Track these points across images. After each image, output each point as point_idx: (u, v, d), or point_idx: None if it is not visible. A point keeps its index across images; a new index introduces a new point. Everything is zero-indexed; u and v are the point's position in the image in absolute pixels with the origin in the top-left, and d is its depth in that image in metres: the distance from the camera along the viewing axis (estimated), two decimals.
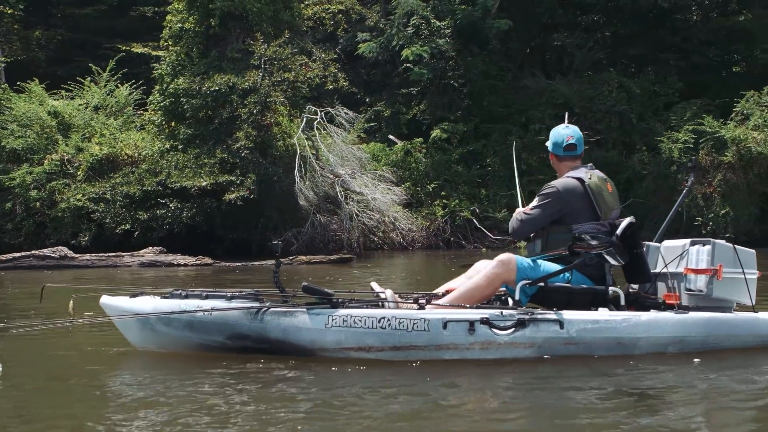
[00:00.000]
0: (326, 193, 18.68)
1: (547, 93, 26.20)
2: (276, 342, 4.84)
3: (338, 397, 4.03)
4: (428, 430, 3.41)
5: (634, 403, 3.84)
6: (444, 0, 26.26)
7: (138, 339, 5.10)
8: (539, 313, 4.90)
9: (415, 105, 27.00)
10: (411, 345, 4.77)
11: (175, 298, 4.99)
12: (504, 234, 24.16)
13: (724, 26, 28.23)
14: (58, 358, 5.06)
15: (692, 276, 5.34)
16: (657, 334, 5.04)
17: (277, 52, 18.35)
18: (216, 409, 3.63)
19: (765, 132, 22.61)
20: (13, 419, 3.34)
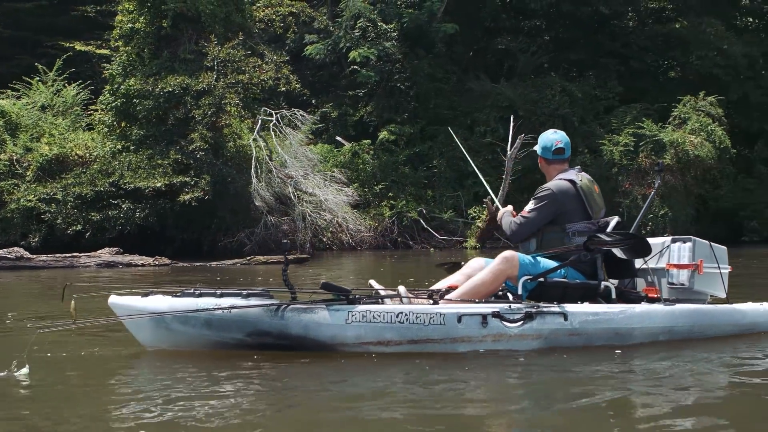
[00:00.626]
0: (280, 194, 18.77)
1: (492, 96, 26.70)
2: (296, 338, 4.90)
3: (355, 387, 4.22)
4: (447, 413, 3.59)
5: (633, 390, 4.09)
6: (391, 3, 26.54)
7: (150, 338, 5.03)
8: (545, 306, 5.14)
9: (362, 107, 27.20)
10: (428, 338, 4.95)
11: (187, 297, 4.96)
12: (450, 234, 24.60)
13: (661, 33, 29.13)
14: (78, 358, 5.01)
15: (675, 271, 5.68)
16: (649, 325, 5.36)
17: (230, 54, 18.40)
18: (242, 404, 3.75)
19: (701, 136, 23.46)
20: (42, 419, 3.40)
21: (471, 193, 25.49)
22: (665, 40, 29.00)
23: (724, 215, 25.95)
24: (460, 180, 25.96)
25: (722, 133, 23.80)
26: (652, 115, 25.27)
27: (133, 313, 4.89)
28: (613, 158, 24.19)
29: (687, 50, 28.13)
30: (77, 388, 4.17)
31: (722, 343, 5.48)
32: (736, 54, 27.31)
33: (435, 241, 24.08)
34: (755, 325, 5.81)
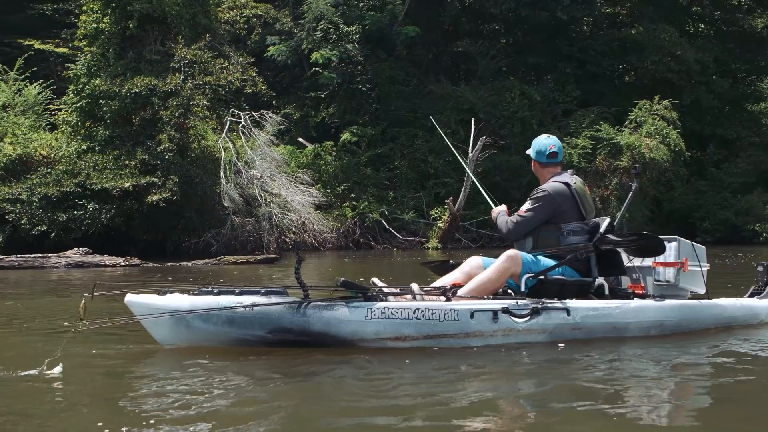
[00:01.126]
0: (247, 195, 18.83)
1: (453, 98, 27.03)
2: (317, 334, 5.00)
3: (372, 380, 4.35)
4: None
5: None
6: (352, 6, 26.72)
7: (168, 336, 5.03)
8: (549, 302, 5.36)
9: (324, 108, 27.33)
10: (443, 334, 5.13)
11: (207, 295, 5.00)
12: (411, 235, 24.84)
13: (617, 38, 29.76)
14: (104, 357, 5.03)
15: (661, 269, 6.03)
16: (643, 319, 5.65)
17: (197, 55, 18.41)
18: (268, 399, 3.86)
19: (657, 139, 24.05)
20: (76, 419, 3.46)
21: (432, 194, 25.80)
22: (621, 45, 29.64)
23: (678, 216, 26.61)
24: (421, 181, 26.24)
25: (677, 136, 24.43)
26: (609, 118, 25.80)
27: (153, 311, 4.91)
28: (572, 161, 24.64)
29: (642, 55, 28.74)
30: (109, 385, 4.23)
31: (706, 336, 5.77)
32: (689, 59, 28.03)
33: (397, 241, 24.30)
34: (733, 319, 6.16)
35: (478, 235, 25.13)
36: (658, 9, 30.60)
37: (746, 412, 3.68)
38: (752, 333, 5.98)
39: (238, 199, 18.33)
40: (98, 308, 5.96)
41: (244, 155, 19.19)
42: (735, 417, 3.56)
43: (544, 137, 6.12)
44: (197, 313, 4.88)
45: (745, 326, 6.15)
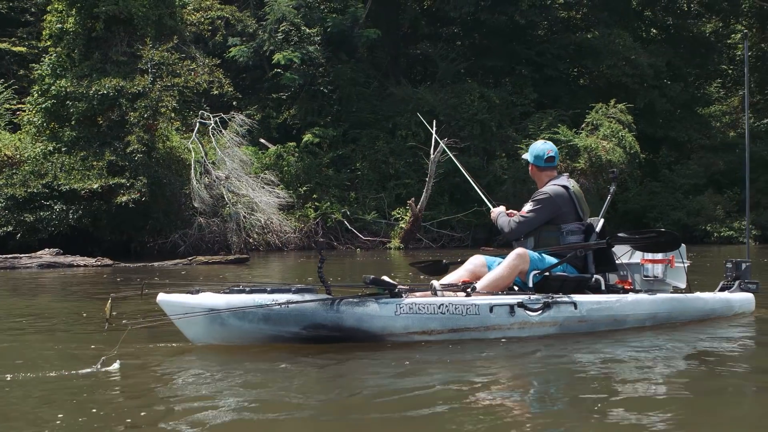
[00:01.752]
0: (214, 195, 18.92)
1: (413, 101, 27.33)
2: (350, 330, 5.14)
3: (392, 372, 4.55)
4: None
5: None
6: (314, 8, 26.89)
7: (202, 334, 5.08)
8: (557, 297, 5.68)
9: (286, 110, 27.44)
10: (465, 327, 5.38)
11: (239, 294, 5.07)
12: (373, 235, 25.12)
13: (573, 42, 30.34)
14: (157, 353, 5.05)
15: (650, 265, 6.39)
16: (639, 311, 6.06)
17: (165, 57, 18.44)
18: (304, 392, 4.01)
19: (613, 141, 24.62)
20: (137, 416, 3.54)
21: (393, 195, 26.11)
22: (577, 50, 30.22)
23: (633, 216, 27.21)
24: (383, 182, 26.53)
25: (632, 139, 25.05)
26: (566, 121, 26.34)
27: (189, 310, 4.95)
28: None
29: (597, 59, 29.38)
30: (163, 382, 4.31)
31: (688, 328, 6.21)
32: (642, 64, 28.75)
33: (359, 241, 24.56)
34: (714, 310, 6.64)
35: (439, 236, 25.53)
36: (613, 14, 31.34)
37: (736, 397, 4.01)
38: (729, 323, 6.49)
39: (208, 200, 18.41)
40: (132, 308, 5.99)
41: (213, 156, 19.27)
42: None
43: (541, 143, 6.44)
44: (234, 311, 4.96)
45: (722, 317, 6.63)
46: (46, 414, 3.48)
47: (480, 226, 26.34)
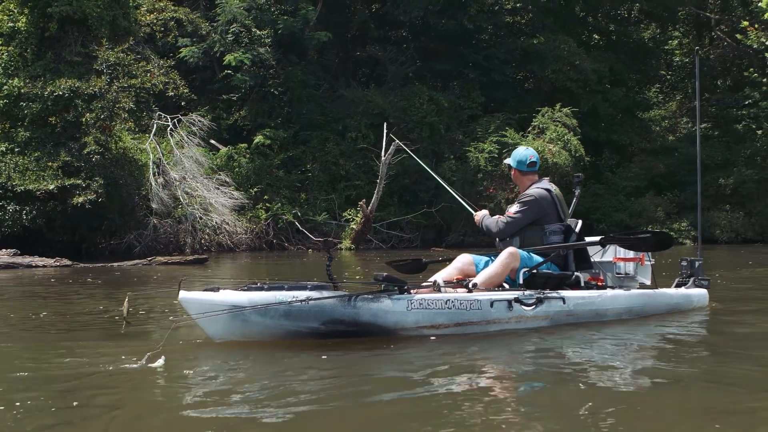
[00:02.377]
0: (171, 196, 18.95)
1: (364, 103, 27.63)
2: (366, 324, 5.41)
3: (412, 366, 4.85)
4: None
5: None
6: (265, 10, 26.98)
7: (223, 331, 5.21)
8: (547, 292, 6.11)
9: (236, 111, 27.45)
10: (469, 321, 5.74)
11: (258, 291, 5.25)
12: (324, 236, 25.26)
13: (520, 47, 30.95)
14: (201, 348, 5.24)
15: (622, 263, 6.97)
16: (617, 306, 6.55)
17: (120, 58, 18.39)
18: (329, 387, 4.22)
19: (559, 145, 25.23)
20: (183, 410, 3.68)
21: (343, 196, 26.35)
22: (524, 55, 30.84)
23: (577, 217, 27.83)
24: (333, 183, 26.76)
25: (577, 142, 25.69)
26: (513, 124, 26.87)
27: (212, 308, 5.07)
28: (479, 165, 25.62)
29: (543, 64, 29.99)
30: (210, 376, 4.48)
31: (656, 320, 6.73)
32: (586, 69, 29.48)
33: (310, 242, 24.73)
34: (678, 305, 7.19)
35: (389, 236, 25.85)
36: (558, 20, 32.05)
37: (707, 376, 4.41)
38: (688, 315, 7.08)
39: (167, 201, 18.44)
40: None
41: (168, 157, 19.30)
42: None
43: (523, 149, 6.87)
44: (257, 308, 5.12)
45: (684, 311, 7.21)
46: (102, 410, 3.66)
47: (429, 227, 26.79)
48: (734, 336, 6.04)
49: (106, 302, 8.30)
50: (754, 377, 4.43)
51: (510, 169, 6.88)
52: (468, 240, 26.07)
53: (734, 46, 33.19)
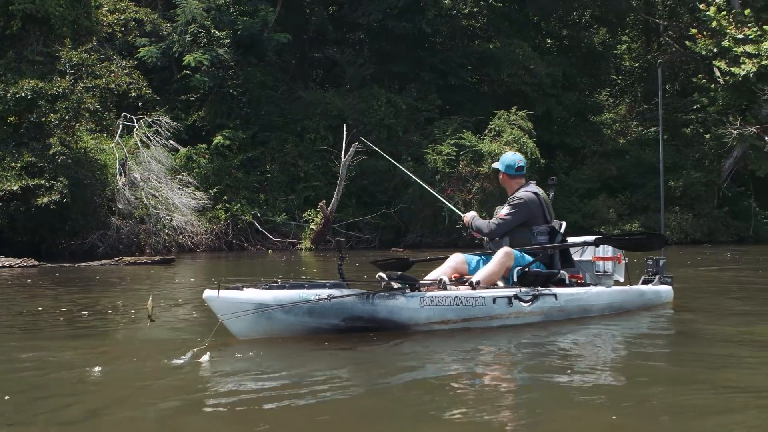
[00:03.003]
0: (135, 197, 18.95)
1: (322, 104, 27.82)
2: (382, 320, 5.72)
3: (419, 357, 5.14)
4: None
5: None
6: (224, 11, 27.00)
7: (247, 329, 5.38)
8: (541, 289, 6.49)
9: (195, 112, 27.39)
10: (475, 317, 6.09)
11: (280, 290, 5.48)
12: (283, 236, 25.45)
13: (476, 51, 31.43)
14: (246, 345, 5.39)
15: (601, 262, 7.43)
16: (600, 302, 6.99)
17: (84, 58, 18.32)
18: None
19: (515, 147, 25.69)
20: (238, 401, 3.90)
21: (302, 197, 26.53)
22: (480, 58, 31.31)
23: None
24: (292, 184, 26.91)
25: (533, 145, 26.20)
26: (470, 127, 27.30)
27: (239, 306, 5.29)
28: (437, 166, 26.00)
29: (499, 68, 30.49)
30: (255, 370, 4.65)
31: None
32: (540, 73, 30.08)
33: (269, 243, 24.86)
34: (650, 300, 7.70)
35: (347, 237, 26.09)
36: (513, 25, 32.62)
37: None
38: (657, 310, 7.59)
39: (132, 201, 18.45)
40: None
41: (133, 158, 19.29)
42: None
43: (511, 154, 7.25)
44: (283, 306, 5.35)
45: (656, 306, 7.72)
46: (158, 405, 3.83)
47: (387, 227, 27.11)
48: (699, 330, 6.45)
49: (111, 300, 8.49)
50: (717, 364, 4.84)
51: (498, 173, 7.21)
52: (425, 240, 26.48)
53: (682, 51, 34.14)
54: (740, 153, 28.86)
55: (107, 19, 22.23)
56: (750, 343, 5.71)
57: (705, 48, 27.98)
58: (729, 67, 26.91)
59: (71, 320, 6.87)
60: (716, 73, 28.91)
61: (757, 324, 6.74)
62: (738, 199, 29.99)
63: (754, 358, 5.05)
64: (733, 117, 27.57)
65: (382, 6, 28.84)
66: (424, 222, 26.87)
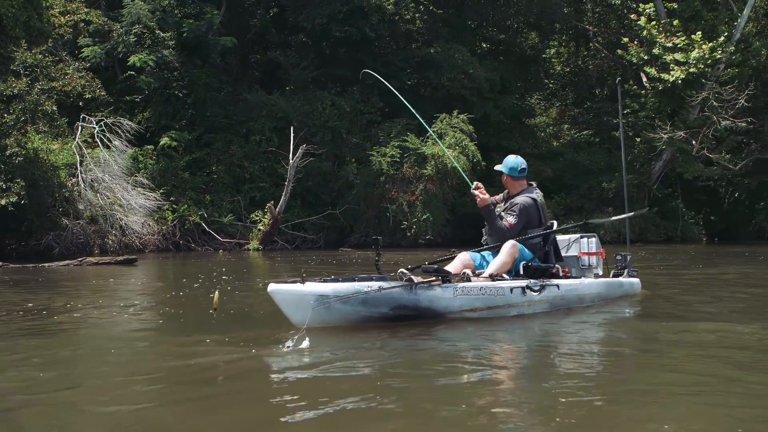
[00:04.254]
0: (89, 198, 19.05)
1: (267, 107, 28.13)
2: (424, 309, 6.36)
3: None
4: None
5: None
6: (169, 12, 27.06)
7: (305, 317, 5.74)
8: (546, 281, 7.24)
9: (139, 112, 27.37)
10: (497, 305, 6.79)
11: (334, 282, 6.01)
12: (230, 237, 25.68)
13: (417, 55, 32.08)
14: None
15: (585, 257, 8.33)
16: (591, 292, 7.86)
17: (38, 59, 18.34)
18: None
19: (457, 149, 26.48)
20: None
21: (248, 198, 26.82)
22: (420, 62, 31.96)
23: (470, 219, 29.09)
24: (237, 185, 27.17)
25: (474, 147, 26.99)
26: (413, 129, 27.95)
27: (300, 297, 5.80)
28: (381, 168, 26.59)
29: (439, 72, 31.18)
30: (350, 355, 5.24)
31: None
32: (479, 77, 30.89)
33: (217, 243, 25.08)
34: (627, 291, 8.62)
35: (293, 237, 26.50)
36: (452, 30, 33.42)
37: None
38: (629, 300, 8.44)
39: (91, 202, 18.54)
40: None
41: (87, 159, 19.36)
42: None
43: (513, 157, 7.97)
44: (341, 297, 5.91)
45: (629, 295, 8.65)
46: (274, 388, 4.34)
47: (331, 228, 27.59)
48: (670, 317, 7.24)
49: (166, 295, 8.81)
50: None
51: (502, 174, 7.86)
52: (370, 241, 26.98)
53: (610, 57, 35.52)
54: (669, 156, 30.19)
55: (59, 20, 22.18)
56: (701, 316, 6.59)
57: (636, 56, 29.24)
58: (659, 73, 28.20)
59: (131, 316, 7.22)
60: (644, 80, 30.28)
61: (709, 305, 7.96)
62: (666, 200, 31.32)
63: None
64: (662, 122, 28.90)
65: (327, 11, 29.26)
66: (368, 222, 27.44)
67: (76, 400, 3.98)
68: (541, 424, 3.50)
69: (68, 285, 11.47)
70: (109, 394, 4.12)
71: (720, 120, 27.93)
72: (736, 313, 7.50)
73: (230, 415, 3.72)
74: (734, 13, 29.08)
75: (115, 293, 10.22)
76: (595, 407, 3.82)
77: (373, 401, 3.84)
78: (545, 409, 3.77)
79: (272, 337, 5.66)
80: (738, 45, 28.28)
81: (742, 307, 8.18)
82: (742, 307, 8.07)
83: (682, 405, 3.83)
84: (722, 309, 7.83)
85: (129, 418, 3.67)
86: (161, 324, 6.90)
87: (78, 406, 3.86)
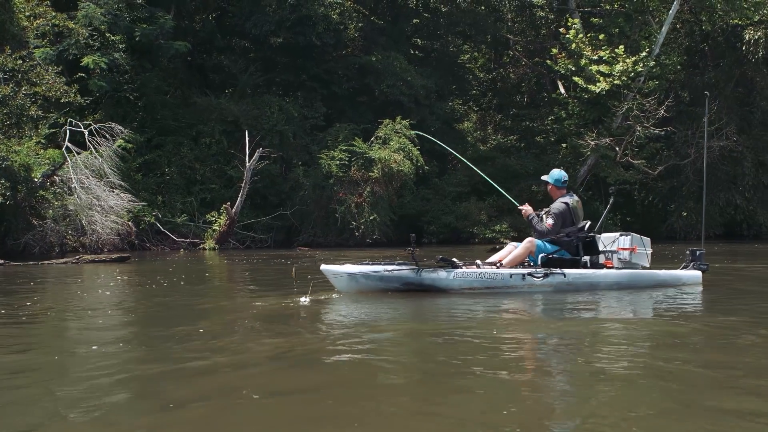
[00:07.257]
0: (58, 198, 19.61)
1: (217, 110, 28.95)
2: (427, 286, 9.01)
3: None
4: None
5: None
6: (120, 16, 27.48)
7: (345, 286, 8.99)
8: (554, 270, 9.23)
9: (89, 115, 27.68)
10: (495, 286, 9.06)
11: (363, 265, 9.03)
12: (184, 237, 26.41)
13: (357, 62, 33.36)
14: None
15: (622, 252, 10.00)
16: (608, 281, 9.62)
17: (19, 64, 18.77)
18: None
19: (402, 154, 27.94)
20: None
21: (199, 199, 27.60)
22: (360, 69, 33.26)
23: (409, 220, 30.61)
24: (189, 187, 27.91)
25: (418, 153, 28.52)
26: (359, 134, 29.27)
27: (340, 274, 8.96)
28: (331, 171, 27.81)
29: (378, 79, 32.55)
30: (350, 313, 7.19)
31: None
32: (416, 85, 32.44)
33: (171, 242, 25.79)
34: (665, 281, 10.20)
35: (244, 237, 27.44)
36: (389, 39, 34.88)
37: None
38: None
39: (78, 202, 19.07)
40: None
41: (63, 160, 19.83)
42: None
43: (558, 171, 9.89)
44: (364, 274, 8.92)
45: (673, 285, 10.14)
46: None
47: (280, 228, 28.63)
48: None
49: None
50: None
51: (547, 184, 9.53)
52: (318, 240, 28.26)
53: (531, 65, 37.69)
54: (593, 161, 32.41)
55: (31, 25, 22.51)
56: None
57: (564, 67, 31.35)
58: (586, 84, 30.36)
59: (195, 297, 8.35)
60: (560, 89, 32.53)
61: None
62: (588, 203, 33.51)
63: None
64: (588, 129, 31.10)
65: (275, 18, 30.26)
66: (316, 223, 28.63)
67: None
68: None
69: (73, 281, 12.34)
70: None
71: (642, 129, 30.22)
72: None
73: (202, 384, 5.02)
74: (654, 29, 31.49)
75: (128, 289, 11.18)
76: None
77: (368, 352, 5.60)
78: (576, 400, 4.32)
79: (272, 335, 6.93)
80: (658, 59, 30.69)
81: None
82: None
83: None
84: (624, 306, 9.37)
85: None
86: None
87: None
